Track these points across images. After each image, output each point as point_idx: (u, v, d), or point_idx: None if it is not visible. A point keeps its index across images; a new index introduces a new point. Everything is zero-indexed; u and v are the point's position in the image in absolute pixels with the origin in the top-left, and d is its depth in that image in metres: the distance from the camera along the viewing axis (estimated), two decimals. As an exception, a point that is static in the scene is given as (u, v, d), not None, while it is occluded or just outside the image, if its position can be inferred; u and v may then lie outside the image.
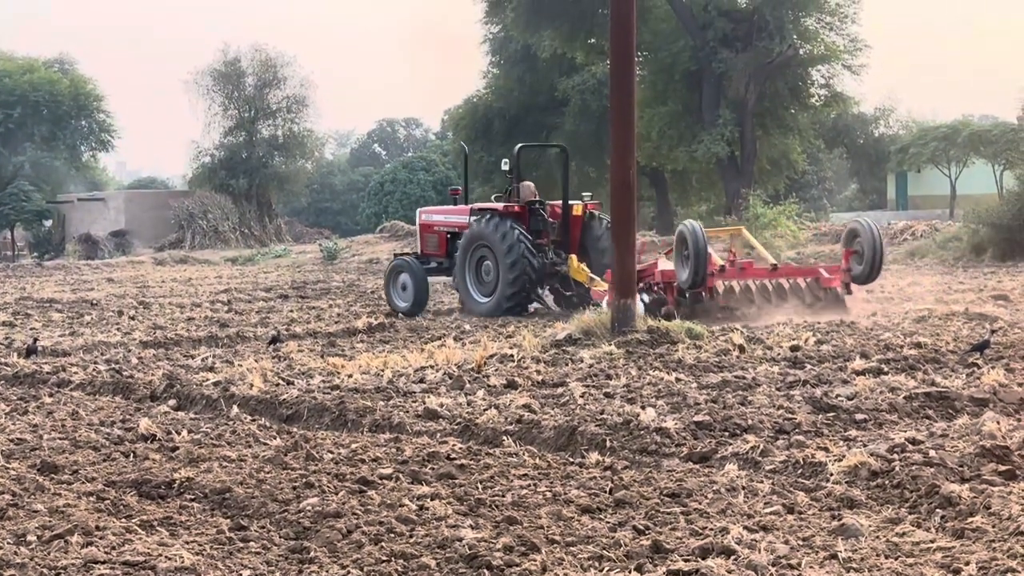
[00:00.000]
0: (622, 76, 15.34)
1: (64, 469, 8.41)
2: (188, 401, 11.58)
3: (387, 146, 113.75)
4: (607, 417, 9.48)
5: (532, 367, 12.66)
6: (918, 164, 58.45)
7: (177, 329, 18.27)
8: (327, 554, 6.31)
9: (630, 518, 6.83)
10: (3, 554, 6.22)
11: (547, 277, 20.46)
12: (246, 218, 68.89)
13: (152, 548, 6.34)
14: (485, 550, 6.20)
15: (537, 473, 8.00)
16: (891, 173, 65.20)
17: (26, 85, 69.80)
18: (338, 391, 11.37)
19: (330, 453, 8.72)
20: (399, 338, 16.61)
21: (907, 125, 66.56)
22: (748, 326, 15.76)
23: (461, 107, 57.39)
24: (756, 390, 10.77)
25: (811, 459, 7.98)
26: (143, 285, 31.04)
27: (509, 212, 20.32)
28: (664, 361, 12.79)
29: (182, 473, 8.05)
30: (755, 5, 43.02)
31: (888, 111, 67.54)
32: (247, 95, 71.85)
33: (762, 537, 6.34)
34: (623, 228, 15.28)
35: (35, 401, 11.68)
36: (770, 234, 38.93)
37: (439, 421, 9.90)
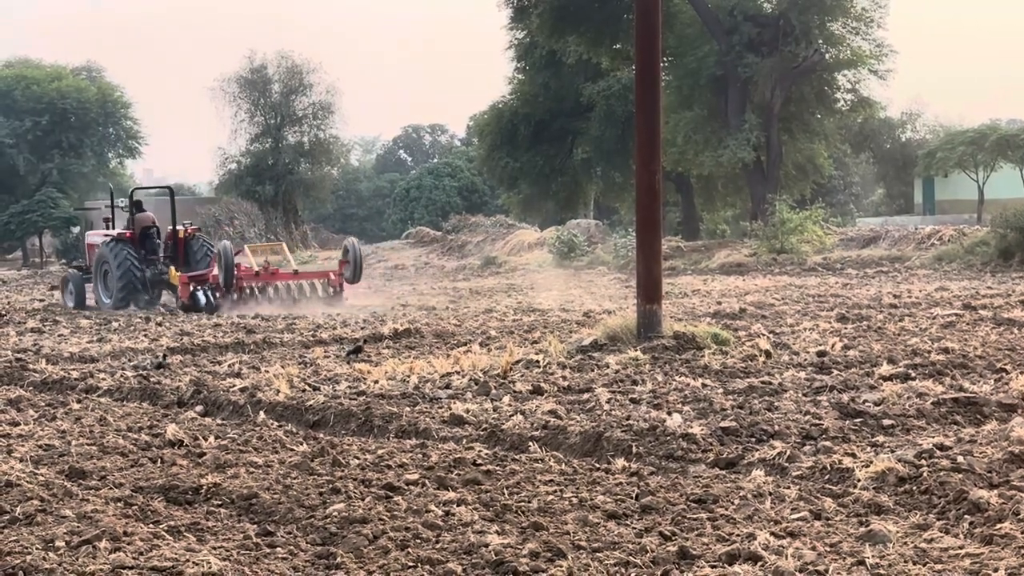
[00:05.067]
0: (647, 81, 15.31)
1: (92, 475, 8.44)
2: (215, 407, 11.61)
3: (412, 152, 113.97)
4: (633, 423, 9.46)
5: (558, 373, 12.65)
6: (945, 169, 58.26)
7: (204, 335, 18.34)
8: (353, 560, 6.32)
9: (656, 524, 6.82)
10: (32, 559, 6.25)
11: (158, 284, 27.17)
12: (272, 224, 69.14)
13: (179, 554, 6.36)
14: (511, 556, 6.20)
15: (563, 479, 7.99)
16: (918, 178, 65.02)
17: (54, 93, 70.23)
18: (364, 397, 11.38)
19: (356, 459, 8.73)
20: (425, 344, 16.62)
21: (934, 130, 66.39)
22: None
23: (486, 113, 57.44)
24: (783, 396, 10.73)
25: (838, 465, 7.94)
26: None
27: (122, 238, 27.44)
28: (690, 367, 12.76)
29: (209, 479, 8.07)
30: (781, 10, 42.97)
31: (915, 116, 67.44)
32: (273, 102, 72.14)
33: (789, 543, 6.31)
34: (648, 234, 15.24)
35: (63, 407, 11.74)
36: (796, 239, 38.87)
37: (465, 427, 9.89)
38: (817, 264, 35.83)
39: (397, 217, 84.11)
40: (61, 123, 70.20)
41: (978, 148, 55.70)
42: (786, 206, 40.54)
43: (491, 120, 56.12)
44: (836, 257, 37.40)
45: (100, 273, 27.43)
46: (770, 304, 21.43)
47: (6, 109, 69.45)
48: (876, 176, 70.94)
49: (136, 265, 26.78)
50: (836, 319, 17.81)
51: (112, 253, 26.92)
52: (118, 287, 26.64)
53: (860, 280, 29.22)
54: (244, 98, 72.17)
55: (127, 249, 27.02)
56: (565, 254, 44.51)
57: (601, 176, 55.45)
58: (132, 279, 26.66)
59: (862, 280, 29.21)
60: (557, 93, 52.99)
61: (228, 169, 72.70)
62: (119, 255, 26.80)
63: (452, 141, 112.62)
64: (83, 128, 71.70)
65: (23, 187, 67.36)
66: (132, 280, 26.65)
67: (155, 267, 27.20)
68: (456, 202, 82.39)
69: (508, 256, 48.61)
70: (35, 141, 69.75)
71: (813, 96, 45.18)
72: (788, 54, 42.38)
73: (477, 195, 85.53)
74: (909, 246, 37.68)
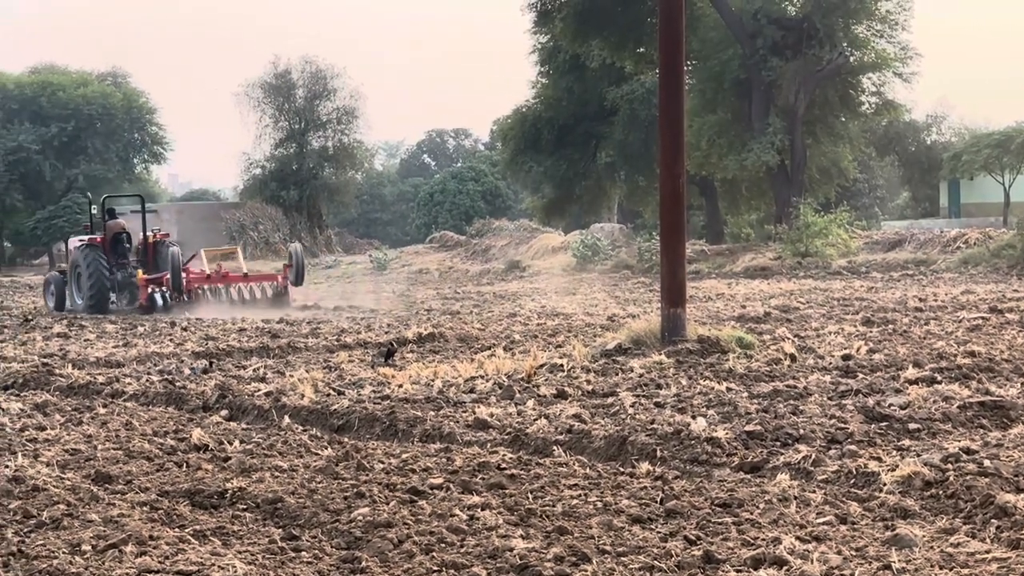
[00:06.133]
0: (671, 85, 15.30)
1: (118, 479, 8.47)
2: (240, 411, 11.64)
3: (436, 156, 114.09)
4: (657, 427, 9.45)
5: (582, 377, 12.64)
6: (971, 171, 57.99)
7: (229, 340, 18.39)
8: (378, 564, 6.32)
9: (681, 528, 6.80)
10: (59, 563, 6.28)
11: (127, 286, 28.36)
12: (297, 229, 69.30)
13: (205, 557, 6.38)
14: (536, 560, 6.20)
15: (587, 483, 7.99)
16: (943, 181, 64.72)
17: (80, 99, 70.59)
18: (388, 401, 11.39)
19: (381, 463, 8.74)
20: (449, 348, 16.63)
21: (959, 132, 66.08)
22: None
23: (510, 117, 57.45)
24: (808, 399, 10.70)
25: (864, 469, 7.91)
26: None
27: (93, 243, 28.83)
28: (714, 371, 12.73)
29: (234, 483, 8.09)
30: (805, 13, 42.82)
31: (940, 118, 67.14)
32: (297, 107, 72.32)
33: (814, 547, 6.29)
34: (672, 238, 15.22)
35: (89, 412, 11.79)
36: (821, 242, 38.74)
37: (489, 431, 9.90)
38: (842, 267, 35.71)
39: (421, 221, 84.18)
40: (87, 129, 70.54)
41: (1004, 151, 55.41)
42: (811, 209, 40.40)
43: (515, 124, 56.09)
44: (861, 260, 37.27)
45: (74, 276, 28.81)
46: (795, 308, 21.38)
47: (32, 115, 69.84)
48: (901, 179, 70.65)
49: (105, 268, 28.21)
50: (861, 323, 17.76)
51: (83, 257, 28.29)
52: (88, 289, 27.95)
53: (885, 283, 29.12)
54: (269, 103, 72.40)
55: (97, 253, 28.43)
56: (589, 258, 44.47)
57: (625, 180, 55.37)
58: (101, 282, 28.00)
59: (887, 283, 29.11)
60: (581, 97, 52.94)
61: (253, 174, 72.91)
62: (89, 259, 28.17)
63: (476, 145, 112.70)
64: (109, 134, 72.02)
65: (49, 193, 67.73)
66: (101, 283, 28.00)
67: (125, 270, 28.64)
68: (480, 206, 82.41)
69: (532, 260, 48.61)
70: (61, 147, 70.11)
71: (837, 99, 45.00)
72: (812, 57, 42.23)
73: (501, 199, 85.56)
74: (935, 249, 37.51)
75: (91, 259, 28.25)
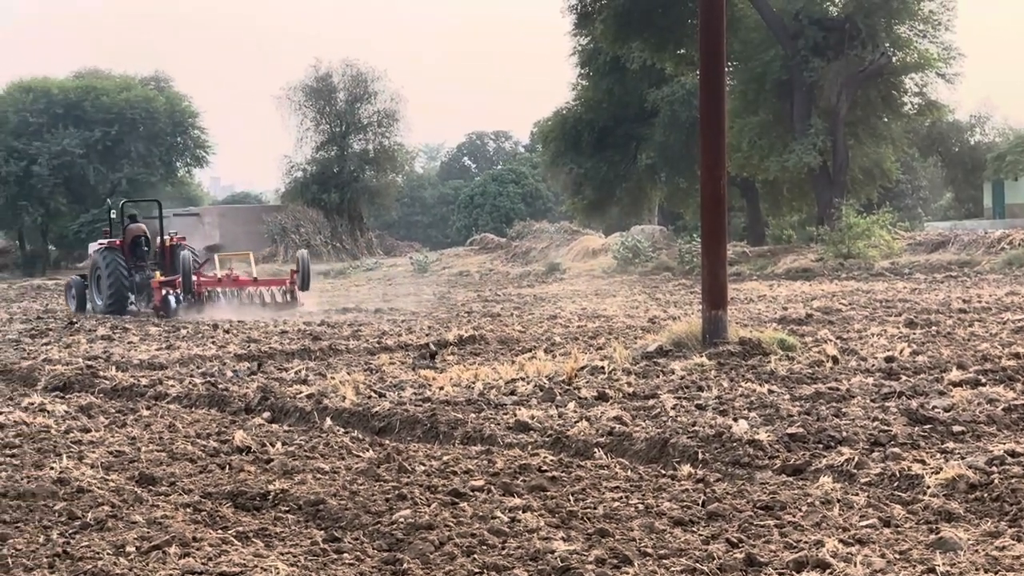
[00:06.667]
0: (712, 86, 15.25)
1: (162, 481, 8.53)
2: (282, 413, 11.70)
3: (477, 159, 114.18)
4: (699, 429, 9.42)
5: (623, 379, 12.62)
6: (1015, 172, 57.52)
7: (271, 342, 18.47)
8: (420, 566, 6.33)
9: (723, 531, 6.78)
10: (103, 565, 6.33)
11: (146, 288, 28.64)
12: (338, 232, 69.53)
13: (248, 559, 6.41)
14: (577, 562, 6.19)
15: (629, 485, 7.97)
16: (987, 181, 64.20)
17: (123, 103, 71.06)
18: (430, 403, 11.41)
19: (422, 465, 8.76)
20: (490, 350, 16.64)
21: (1003, 132, 65.60)
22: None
23: (550, 119, 57.43)
24: (850, 402, 10.64)
25: (907, 472, 7.87)
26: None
27: (113, 246, 29.39)
28: (756, 373, 12.69)
29: (277, 485, 8.13)
30: (847, 13, 42.61)
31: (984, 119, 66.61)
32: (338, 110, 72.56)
33: (858, 551, 6.26)
34: (713, 240, 15.17)
35: (133, 414, 11.88)
36: (863, 244, 38.53)
37: (530, 433, 9.90)
38: (885, 269, 35.48)
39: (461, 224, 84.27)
40: (130, 133, 70.99)
41: (1049, 151, 54.96)
42: (853, 210, 40.20)
43: (555, 126, 56.08)
44: (904, 262, 37.02)
45: (94, 278, 29.64)
46: (837, 309, 21.26)
47: (76, 120, 70.37)
48: (944, 180, 70.17)
49: (124, 271, 28.84)
50: (904, 324, 17.65)
51: (103, 260, 28.98)
52: (108, 291, 28.69)
53: (929, 285, 28.92)
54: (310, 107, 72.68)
55: (116, 256, 29.03)
56: (630, 260, 44.39)
57: (665, 182, 55.24)
58: (121, 284, 28.70)
59: (931, 285, 28.90)
60: (621, 99, 52.86)
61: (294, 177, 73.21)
62: (109, 262, 28.84)
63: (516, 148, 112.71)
64: (151, 138, 72.45)
65: (93, 197, 68.16)
66: (121, 284, 28.70)
67: (144, 273, 29.15)
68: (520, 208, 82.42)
69: (572, 262, 48.57)
70: (105, 151, 70.60)
71: (880, 100, 44.74)
72: (854, 58, 42.00)
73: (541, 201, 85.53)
74: (979, 250, 37.23)
75: (110, 262, 28.91)
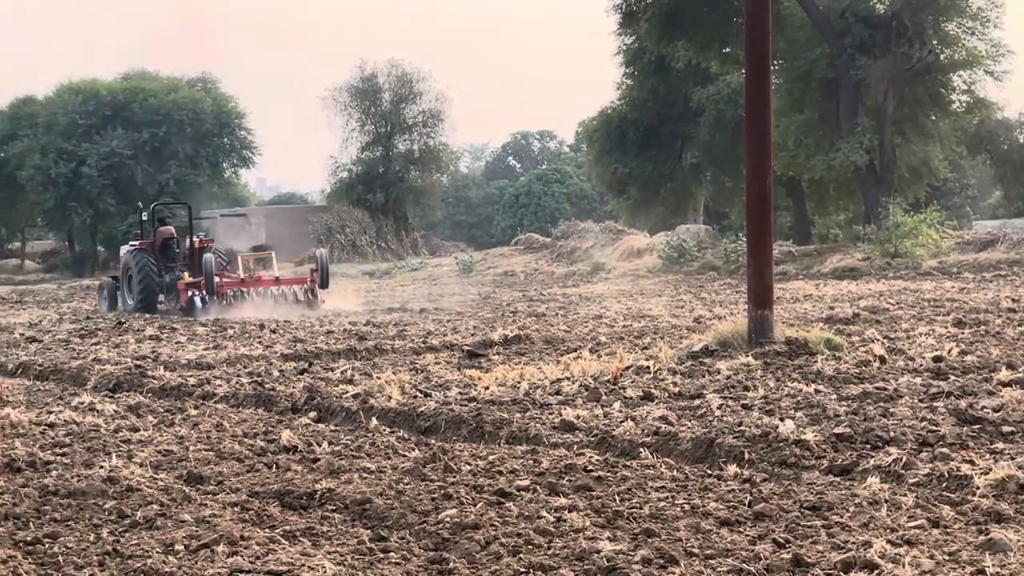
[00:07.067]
0: (758, 85, 15.19)
1: (209, 480, 8.59)
2: (328, 413, 11.74)
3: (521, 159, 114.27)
4: (745, 429, 9.39)
5: (668, 379, 12.59)
6: (1065, 169, 56.92)
7: (317, 342, 18.55)
8: (466, 565, 6.34)
9: (770, 531, 6.76)
10: (152, 563, 6.38)
11: (175, 288, 29.46)
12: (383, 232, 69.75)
13: (295, 558, 6.44)
14: (623, 563, 6.19)
15: (675, 485, 7.96)
16: (1037, 179, 63.55)
17: (170, 104, 71.56)
18: (475, 403, 11.43)
19: (468, 465, 8.77)
20: (535, 350, 16.64)
21: (1054, 129, 64.89)
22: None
23: (595, 119, 57.39)
24: (898, 402, 10.57)
25: (956, 472, 7.80)
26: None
27: (144, 247, 30.52)
28: (802, 372, 12.62)
29: (323, 484, 8.16)
30: (894, 11, 42.32)
31: (1034, 116, 65.88)
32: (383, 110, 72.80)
33: (906, 551, 6.22)
34: (759, 239, 15.10)
35: (181, 413, 11.96)
36: (911, 243, 38.26)
37: (576, 433, 9.89)
38: (932, 268, 35.22)
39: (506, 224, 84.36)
40: (177, 134, 71.46)
41: (1099, 148, 54.36)
42: (900, 209, 39.92)
43: (600, 126, 56.05)
44: (952, 261, 36.73)
45: (125, 279, 30.69)
46: (884, 309, 21.13)
47: (124, 121, 70.93)
48: (993, 178, 69.52)
49: (154, 271, 29.88)
50: (953, 324, 17.51)
51: (134, 261, 30.04)
52: (138, 291, 29.69)
53: (977, 284, 28.67)
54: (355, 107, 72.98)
55: (147, 257, 30.13)
56: (675, 259, 44.28)
57: (711, 181, 55.10)
58: (150, 284, 29.69)
59: (979, 284, 28.66)
60: (666, 98, 52.77)
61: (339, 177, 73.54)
62: (140, 262, 29.92)
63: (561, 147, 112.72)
64: (198, 139, 72.91)
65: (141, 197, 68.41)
66: (150, 284, 29.68)
67: (173, 273, 30.15)
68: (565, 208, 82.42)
69: (617, 262, 48.50)
70: (152, 152, 71.12)
71: (927, 98, 44.42)
72: (901, 56, 41.72)
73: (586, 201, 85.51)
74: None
75: (141, 262, 29.88)
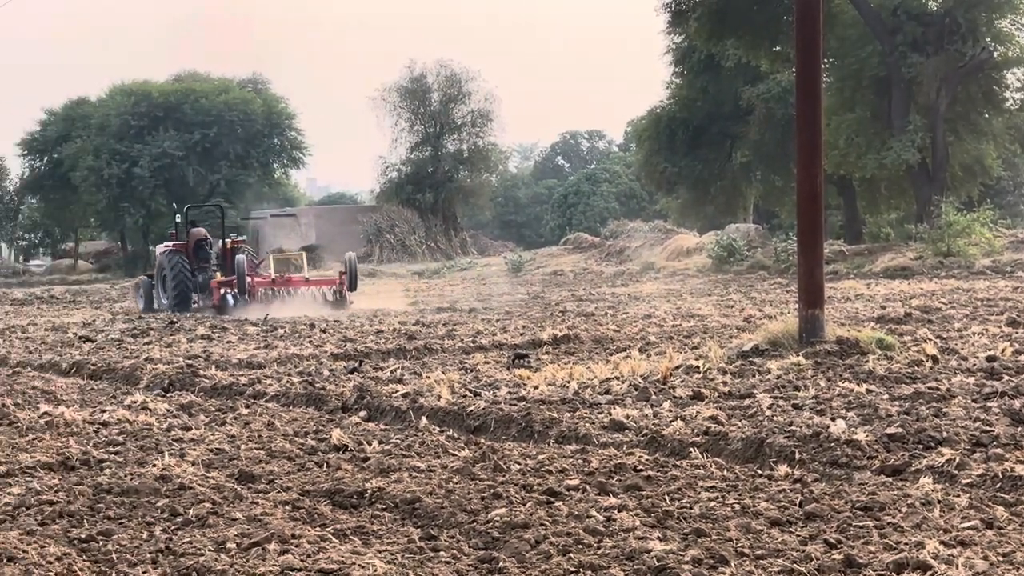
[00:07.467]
0: (808, 83, 15.11)
1: (261, 478, 8.64)
2: (378, 412, 11.79)
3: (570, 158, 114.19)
4: (796, 429, 9.34)
5: (718, 378, 12.55)
6: (1121, 167, 56.23)
7: (367, 342, 18.61)
8: (516, 564, 6.35)
9: (821, 531, 6.72)
10: (204, 561, 6.43)
11: (207, 287, 30.33)
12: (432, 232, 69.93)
13: (346, 556, 6.47)
14: (674, 562, 6.17)
15: (725, 485, 7.93)
16: (1092, 177, 62.85)
17: (221, 105, 72.07)
18: (524, 403, 11.43)
19: (517, 464, 8.78)
20: (584, 350, 16.63)
21: (1109, 127, 64.11)
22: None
23: (644, 118, 57.27)
24: (951, 402, 10.48)
25: (1010, 473, 7.73)
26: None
27: (178, 248, 31.28)
28: (854, 372, 12.54)
29: (373, 483, 8.19)
30: (947, 8, 41.96)
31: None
32: (432, 111, 73.01)
33: (959, 552, 6.17)
34: (810, 238, 15.01)
35: (232, 412, 12.04)
36: (963, 242, 37.93)
37: (625, 432, 9.88)
38: (986, 267, 34.90)
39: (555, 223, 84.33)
40: (228, 135, 71.97)
41: None
42: (953, 208, 39.58)
43: (649, 125, 55.93)
44: (1006, 260, 36.38)
45: (160, 278, 31.44)
46: (937, 308, 20.96)
47: (176, 122, 71.50)
48: (1047, 176, 68.82)
49: (187, 271, 30.65)
50: (1006, 323, 17.35)
51: (168, 261, 30.85)
52: (172, 290, 30.45)
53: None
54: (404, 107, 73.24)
55: (180, 258, 30.89)
56: (724, 259, 44.12)
57: (761, 180, 54.86)
58: (184, 283, 30.47)
59: (1033, 283, 28.37)
60: (715, 97, 52.58)
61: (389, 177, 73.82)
62: (174, 263, 30.71)
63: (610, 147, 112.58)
64: (249, 139, 73.39)
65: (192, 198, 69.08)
66: (184, 284, 30.47)
67: (206, 273, 30.97)
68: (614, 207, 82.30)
69: (667, 261, 48.38)
70: (203, 153, 71.65)
71: (980, 95, 44.03)
72: (954, 53, 41.36)
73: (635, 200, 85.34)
74: (1083, 248, 36.49)
75: (175, 263, 30.64)
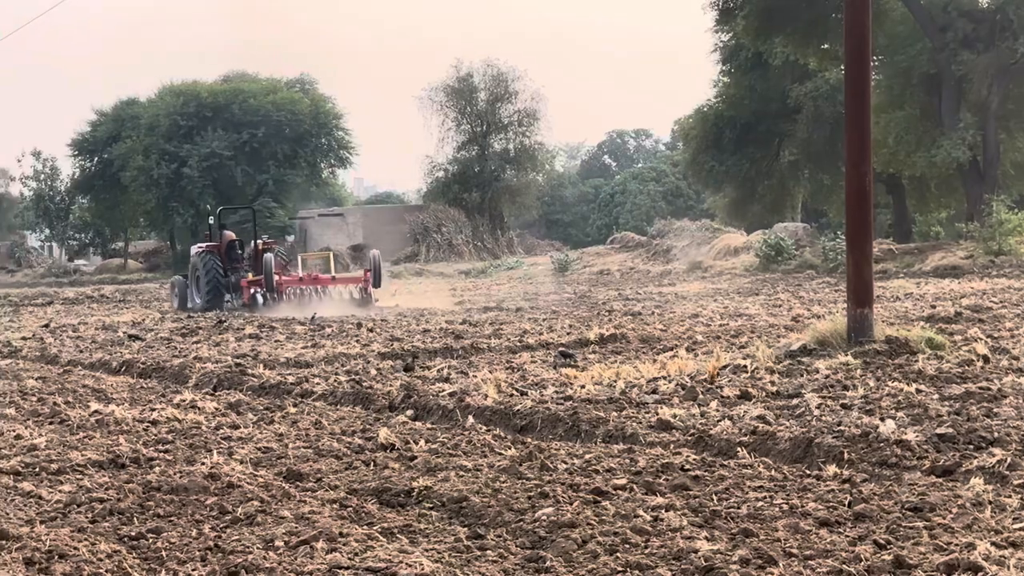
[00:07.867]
0: (857, 81, 15.01)
1: (308, 477, 8.68)
2: (425, 411, 11.81)
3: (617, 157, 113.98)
4: (844, 429, 9.28)
5: (766, 378, 12.49)
6: None
7: (413, 341, 18.65)
8: (562, 564, 6.35)
9: (870, 532, 6.67)
10: (253, 558, 6.46)
11: (239, 287, 31.49)
12: (479, 231, 70.00)
13: (393, 555, 6.49)
14: (721, 562, 6.15)
15: (773, 485, 7.89)
16: None
17: (269, 105, 72.40)
18: (571, 402, 11.42)
19: (564, 463, 8.77)
20: (631, 349, 16.59)
21: None
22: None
23: (691, 116, 57.10)
24: (1002, 402, 10.38)
25: (1062, 474, 7.65)
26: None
27: (211, 249, 32.60)
28: (903, 372, 12.44)
29: (420, 482, 8.21)
30: (998, 4, 41.58)
31: None
32: (479, 110, 73.08)
33: (1011, 554, 6.11)
34: (859, 237, 14.90)
35: (280, 411, 12.10)
36: (1015, 240, 37.57)
37: (672, 432, 9.85)
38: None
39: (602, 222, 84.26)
40: (276, 135, 72.31)
41: None
42: (1004, 206, 39.23)
43: (696, 124, 55.76)
44: (1057, 259, 36.01)
45: (193, 278, 32.64)
46: (987, 307, 20.76)
47: (225, 122, 71.92)
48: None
49: (220, 271, 31.88)
50: (1058, 323, 17.17)
51: (201, 262, 32.12)
52: (205, 290, 31.68)
53: (1084, 282, 28.09)
54: (451, 107, 73.36)
55: (213, 258, 32.16)
56: (772, 258, 43.92)
57: (809, 178, 54.56)
58: (216, 283, 31.67)
59: (1086, 282, 28.07)
60: (763, 95, 52.34)
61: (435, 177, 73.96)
62: (207, 263, 31.95)
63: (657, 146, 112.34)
64: (297, 139, 73.71)
65: (241, 197, 69.63)
66: (216, 284, 31.66)
67: (238, 273, 32.15)
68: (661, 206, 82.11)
69: (714, 260, 48.21)
70: (252, 153, 72.03)
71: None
72: (1006, 50, 40.97)
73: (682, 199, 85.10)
74: None
75: (208, 263, 31.88)
